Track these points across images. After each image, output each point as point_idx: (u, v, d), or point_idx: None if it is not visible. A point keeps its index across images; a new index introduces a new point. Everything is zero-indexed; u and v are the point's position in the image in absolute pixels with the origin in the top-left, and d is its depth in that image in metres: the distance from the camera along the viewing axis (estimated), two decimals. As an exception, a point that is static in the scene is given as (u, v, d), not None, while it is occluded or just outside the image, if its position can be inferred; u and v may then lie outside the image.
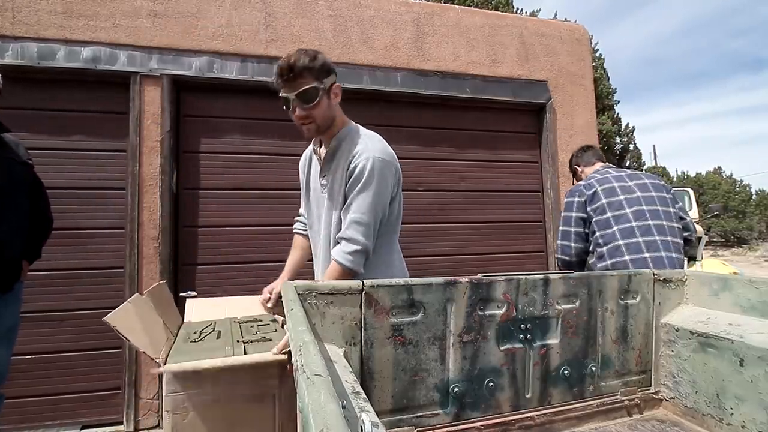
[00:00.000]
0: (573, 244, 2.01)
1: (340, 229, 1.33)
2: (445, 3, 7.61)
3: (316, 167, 1.48)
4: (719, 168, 25.24)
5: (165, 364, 1.19)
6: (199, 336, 1.39)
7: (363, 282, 1.02)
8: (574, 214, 2.03)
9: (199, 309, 1.74)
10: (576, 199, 2.04)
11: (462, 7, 3.63)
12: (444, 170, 3.31)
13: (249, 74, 2.85)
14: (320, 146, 1.45)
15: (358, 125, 1.45)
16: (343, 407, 0.58)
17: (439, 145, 3.31)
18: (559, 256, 2.06)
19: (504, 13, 3.74)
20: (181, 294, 2.72)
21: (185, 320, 1.65)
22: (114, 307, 1.24)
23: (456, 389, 1.09)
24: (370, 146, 1.32)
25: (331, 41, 3.01)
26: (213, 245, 2.83)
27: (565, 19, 12.47)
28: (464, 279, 1.11)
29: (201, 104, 2.87)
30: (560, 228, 2.09)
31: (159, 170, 2.67)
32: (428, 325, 1.07)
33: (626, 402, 1.26)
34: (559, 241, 2.08)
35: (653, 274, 1.33)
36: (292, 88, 1.28)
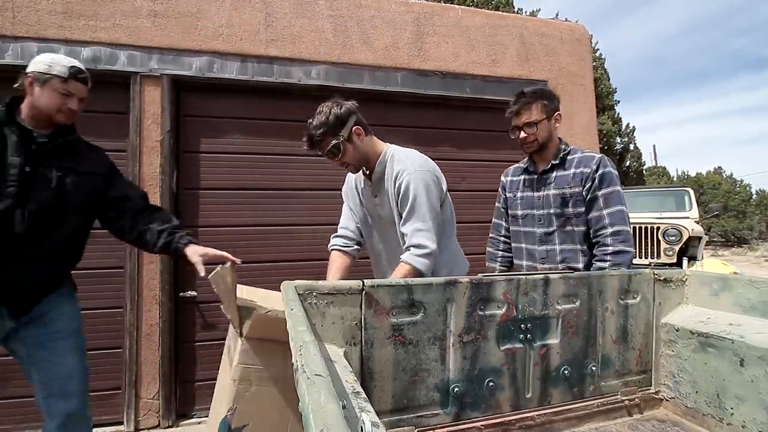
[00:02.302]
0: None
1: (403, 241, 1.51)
2: (445, 3, 7.61)
3: (367, 189, 1.67)
4: (719, 168, 25.21)
5: (242, 336, 1.27)
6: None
7: (363, 282, 1.02)
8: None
9: (248, 294, 1.73)
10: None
11: (462, 7, 3.63)
12: (445, 170, 3.23)
13: (249, 74, 2.84)
14: (366, 170, 1.65)
15: (395, 147, 1.62)
16: (343, 407, 0.58)
17: (440, 145, 3.31)
18: (628, 248, 1.54)
19: (504, 13, 3.74)
20: (180, 294, 2.73)
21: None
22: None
23: (456, 389, 1.09)
24: (408, 164, 1.51)
25: (331, 41, 3.01)
26: (213, 245, 2.79)
27: (566, 19, 12.47)
28: (464, 279, 1.11)
29: (201, 104, 2.87)
30: (620, 208, 1.57)
31: (159, 170, 2.67)
32: (428, 325, 1.07)
33: (626, 402, 1.26)
34: (624, 227, 1.56)
35: (653, 273, 1.33)
36: (320, 149, 1.52)
